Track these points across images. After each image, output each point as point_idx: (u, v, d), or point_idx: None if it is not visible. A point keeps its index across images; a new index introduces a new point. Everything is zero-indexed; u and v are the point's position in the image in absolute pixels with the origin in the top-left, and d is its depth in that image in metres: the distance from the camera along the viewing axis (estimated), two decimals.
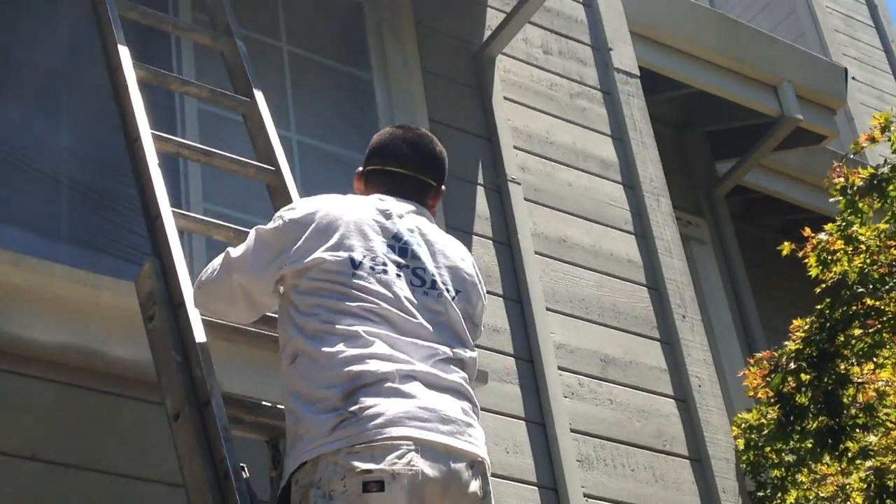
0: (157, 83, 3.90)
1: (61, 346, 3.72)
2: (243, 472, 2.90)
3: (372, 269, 2.91)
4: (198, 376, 3.00)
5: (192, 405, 2.97)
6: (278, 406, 3.14)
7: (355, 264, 2.91)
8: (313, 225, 2.97)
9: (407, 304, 2.90)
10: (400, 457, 2.68)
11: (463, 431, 2.80)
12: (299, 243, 2.95)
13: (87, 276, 3.81)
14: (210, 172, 4.36)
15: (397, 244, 3.00)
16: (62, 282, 3.77)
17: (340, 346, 2.79)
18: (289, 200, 3.68)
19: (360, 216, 3.01)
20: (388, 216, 3.04)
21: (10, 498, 3.44)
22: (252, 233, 3.09)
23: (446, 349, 2.90)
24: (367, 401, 2.72)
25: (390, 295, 2.89)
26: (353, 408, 2.72)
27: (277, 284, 2.99)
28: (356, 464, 2.67)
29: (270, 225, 3.04)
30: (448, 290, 3.00)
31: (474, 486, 2.79)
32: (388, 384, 2.76)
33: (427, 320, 2.91)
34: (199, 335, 3.08)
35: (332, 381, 2.76)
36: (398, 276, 2.93)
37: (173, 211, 3.37)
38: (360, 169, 3.28)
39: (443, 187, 3.28)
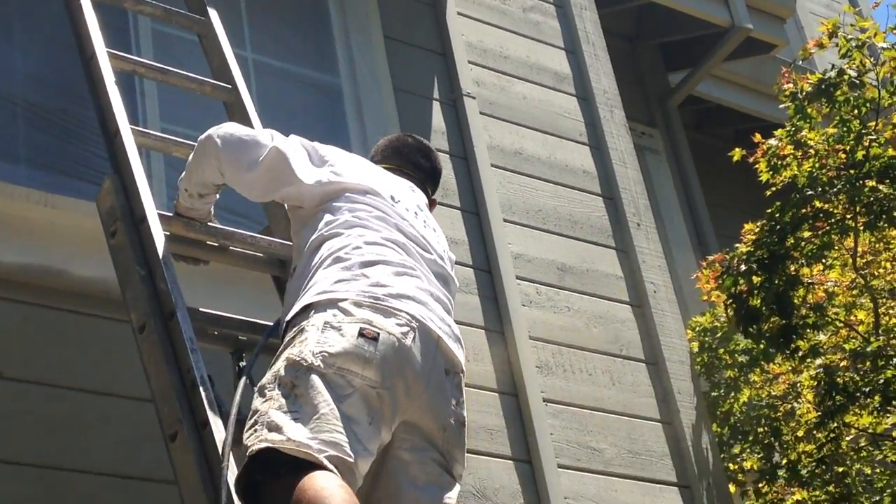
0: (110, 2, 3.89)
1: (24, 266, 3.76)
2: (210, 383, 2.95)
3: (406, 209, 3.15)
4: (162, 289, 3.05)
5: (157, 318, 3.01)
6: (243, 318, 3.21)
7: (394, 199, 3.14)
8: (350, 158, 3.24)
9: (423, 241, 3.11)
10: (399, 325, 2.79)
11: (453, 339, 2.94)
12: (341, 164, 3.17)
13: (47, 197, 3.84)
14: (167, 93, 4.38)
15: (419, 212, 3.22)
16: (22, 203, 3.81)
17: (366, 235, 2.98)
18: (246, 118, 3.72)
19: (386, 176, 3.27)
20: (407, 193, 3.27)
21: None
22: (295, 138, 3.20)
23: (447, 292, 3.08)
24: (380, 273, 2.89)
25: (413, 231, 3.11)
26: (366, 271, 2.87)
27: (297, 192, 3.11)
28: (359, 312, 2.78)
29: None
30: (448, 269, 3.19)
31: (450, 390, 2.91)
32: (402, 271, 2.93)
33: (435, 269, 3.09)
34: (162, 250, 3.13)
35: (352, 253, 2.92)
36: (418, 225, 3.16)
37: (132, 128, 3.40)
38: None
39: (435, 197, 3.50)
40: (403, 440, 2.84)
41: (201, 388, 2.86)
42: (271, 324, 3.14)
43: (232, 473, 2.68)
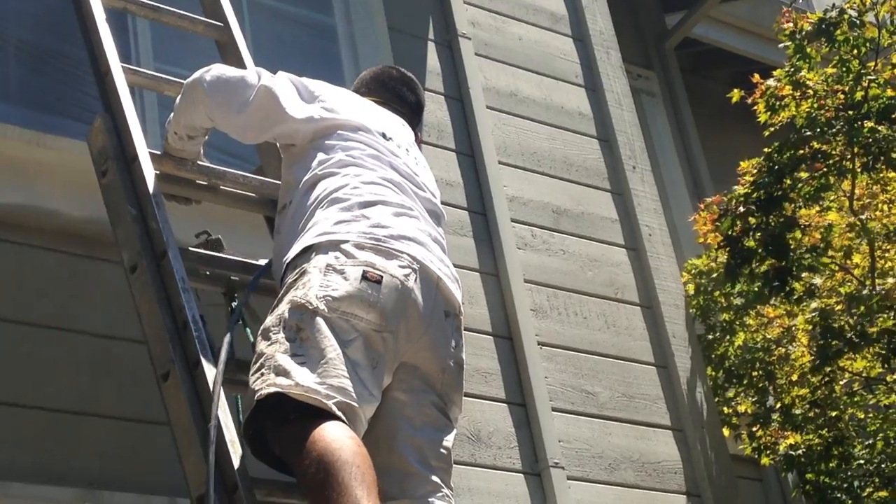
0: None
1: (15, 206, 3.73)
2: (202, 322, 2.94)
3: (398, 146, 3.12)
4: (153, 229, 3.03)
5: (149, 257, 2.99)
6: (235, 258, 3.20)
7: (385, 136, 3.10)
8: (340, 93, 3.19)
9: (417, 179, 3.09)
10: (402, 267, 2.78)
11: (452, 280, 2.93)
12: (332, 100, 3.12)
13: (38, 137, 3.81)
14: (160, 32, 4.33)
15: (410, 149, 3.20)
16: (13, 143, 3.77)
17: (362, 175, 2.95)
18: (239, 57, 3.68)
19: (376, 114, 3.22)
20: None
21: None
22: (283, 74, 3.15)
23: (441, 231, 3.08)
24: (380, 214, 2.87)
25: (407, 169, 3.08)
26: (366, 212, 2.85)
27: (286, 130, 3.08)
28: (361, 255, 2.76)
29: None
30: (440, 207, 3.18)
31: (450, 332, 2.89)
32: (401, 211, 2.92)
33: (428, 207, 3.07)
34: (154, 189, 3.10)
35: (350, 193, 2.90)
36: (410, 163, 3.13)
37: (123, 66, 3.36)
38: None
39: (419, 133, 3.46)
40: (402, 381, 2.83)
41: (193, 328, 2.85)
42: (262, 264, 3.12)
43: (224, 412, 2.67)
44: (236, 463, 2.63)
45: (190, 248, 3.15)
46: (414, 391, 2.83)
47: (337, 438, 2.49)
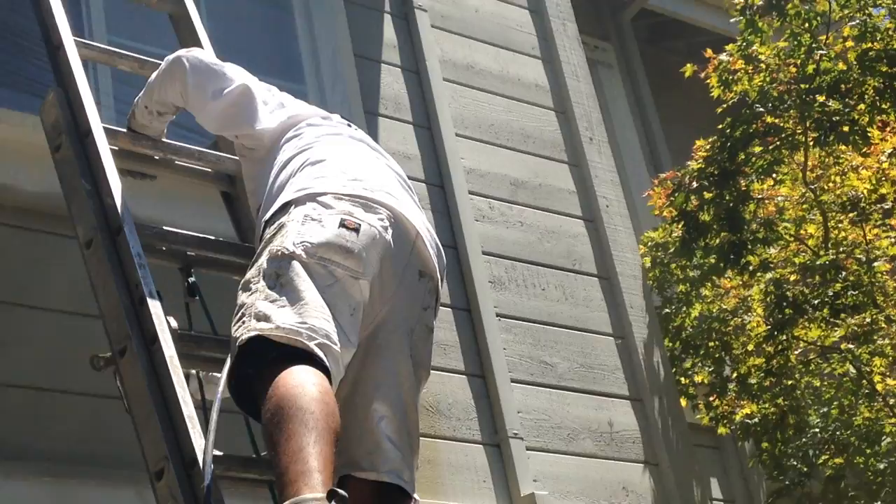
0: None
1: None
2: (159, 298, 2.92)
3: (365, 136, 3.18)
4: (108, 204, 3.00)
5: (104, 233, 2.97)
6: (191, 233, 3.18)
7: (350, 126, 3.18)
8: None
9: (388, 159, 3.13)
10: (380, 219, 2.79)
11: (432, 245, 2.93)
12: (297, 107, 3.20)
13: None
14: (112, 4, 4.29)
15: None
16: None
17: (334, 145, 3.01)
18: (192, 31, 3.65)
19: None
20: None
21: None
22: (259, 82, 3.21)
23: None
24: (357, 170, 2.89)
25: (377, 146, 3.14)
26: (343, 168, 2.87)
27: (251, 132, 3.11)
28: (339, 205, 2.77)
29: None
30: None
31: (423, 293, 2.88)
32: (377, 171, 2.95)
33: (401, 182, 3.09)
34: (108, 164, 3.08)
35: (325, 156, 2.93)
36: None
37: (76, 40, 3.33)
38: None
39: None
40: (379, 348, 2.81)
41: (150, 304, 2.83)
42: (220, 239, 3.12)
43: (181, 388, 2.67)
44: (195, 438, 2.63)
45: (145, 224, 3.13)
46: (390, 359, 2.82)
47: (298, 384, 2.46)
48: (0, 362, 3.54)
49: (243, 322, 2.62)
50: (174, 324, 2.85)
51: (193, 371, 3.05)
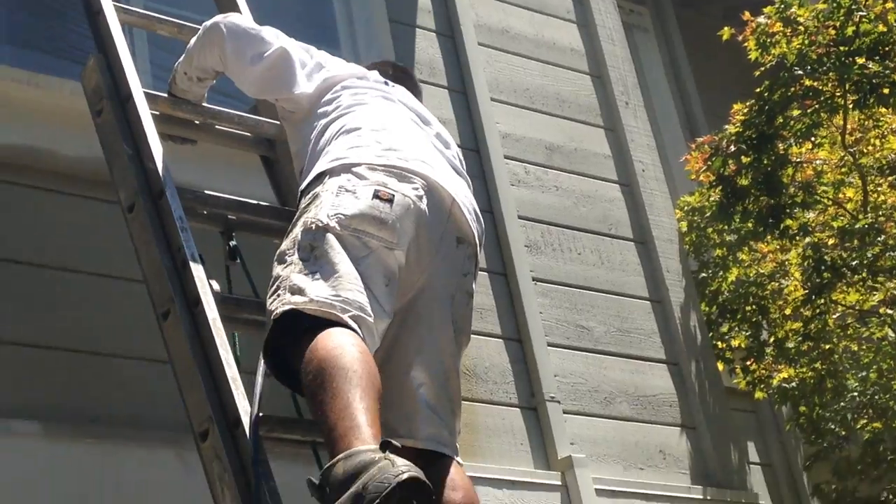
0: None
1: (9, 146, 3.71)
2: (201, 261, 2.94)
3: (404, 93, 3.19)
4: (150, 168, 3.03)
5: (146, 196, 3.00)
6: (232, 197, 3.20)
7: (387, 84, 3.17)
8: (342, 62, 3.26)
9: (426, 118, 3.14)
10: (414, 189, 2.79)
11: (470, 211, 2.92)
12: (335, 66, 3.21)
13: (31, 76, 3.79)
14: None
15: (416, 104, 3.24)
16: (6, 83, 3.75)
17: (371, 108, 3.02)
18: (234, 3, 3.66)
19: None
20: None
21: None
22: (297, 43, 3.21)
23: (458, 163, 3.10)
24: (392, 139, 2.89)
25: (416, 108, 3.15)
26: (379, 137, 2.88)
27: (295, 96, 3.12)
28: (373, 175, 2.78)
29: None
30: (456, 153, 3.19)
31: (461, 260, 2.90)
32: (413, 138, 2.95)
33: (440, 146, 3.08)
34: (150, 128, 3.10)
35: (361, 123, 2.94)
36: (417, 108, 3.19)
37: (115, 5, 3.34)
38: None
39: None
40: (418, 316, 2.82)
41: (192, 267, 2.86)
42: (260, 202, 3.14)
43: (225, 349, 2.68)
44: (239, 399, 2.65)
45: (187, 188, 3.14)
46: (428, 326, 2.83)
47: (338, 345, 2.48)
48: (41, 325, 3.56)
49: (278, 295, 2.64)
50: (216, 286, 2.88)
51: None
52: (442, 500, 2.67)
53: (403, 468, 2.22)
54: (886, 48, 5.21)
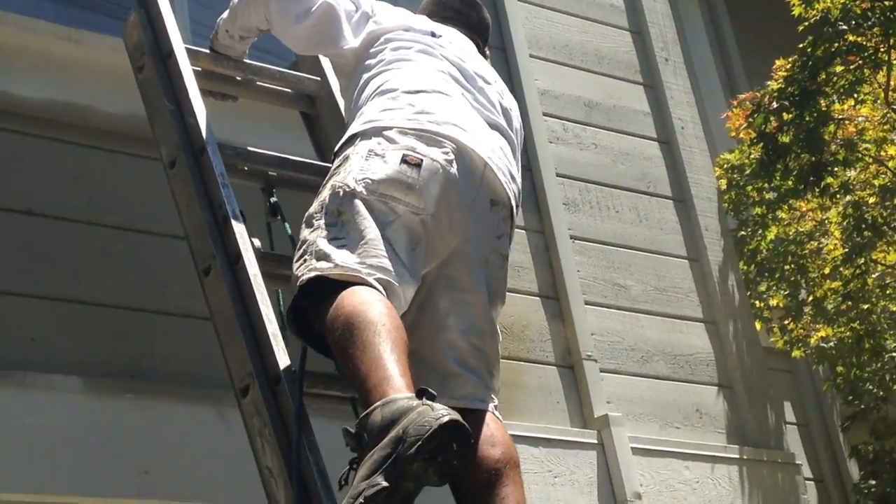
0: None
1: (49, 102, 3.71)
2: (243, 217, 2.94)
3: (450, 42, 3.13)
4: (191, 124, 3.03)
5: (188, 152, 3.00)
6: (273, 154, 3.20)
7: (434, 35, 3.12)
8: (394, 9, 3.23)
9: (471, 74, 3.08)
10: (444, 153, 2.78)
11: (505, 172, 2.90)
12: (383, 15, 3.16)
13: (71, 32, 3.78)
14: None
15: (467, 48, 3.22)
16: (46, 38, 3.75)
17: (409, 66, 2.99)
18: None
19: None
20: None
21: (8, 251, 3.49)
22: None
23: (506, 126, 3.07)
24: (425, 101, 2.87)
25: (461, 62, 3.09)
26: (411, 99, 2.86)
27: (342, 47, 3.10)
28: (403, 140, 2.77)
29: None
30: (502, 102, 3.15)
31: (496, 222, 2.88)
32: (448, 99, 2.92)
33: (485, 99, 3.05)
34: (191, 84, 3.09)
35: (397, 83, 2.92)
36: (465, 57, 3.13)
37: None
38: None
39: (486, 51, 3.39)
40: (449, 278, 2.81)
41: (234, 223, 2.86)
42: (303, 159, 3.14)
43: (266, 305, 2.69)
44: (279, 355, 2.66)
45: (228, 144, 3.14)
46: (460, 289, 2.82)
47: (364, 301, 2.49)
48: (82, 282, 3.58)
49: (304, 261, 2.65)
50: (257, 243, 2.89)
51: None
52: (481, 456, 2.68)
53: (443, 412, 2.24)
54: None
